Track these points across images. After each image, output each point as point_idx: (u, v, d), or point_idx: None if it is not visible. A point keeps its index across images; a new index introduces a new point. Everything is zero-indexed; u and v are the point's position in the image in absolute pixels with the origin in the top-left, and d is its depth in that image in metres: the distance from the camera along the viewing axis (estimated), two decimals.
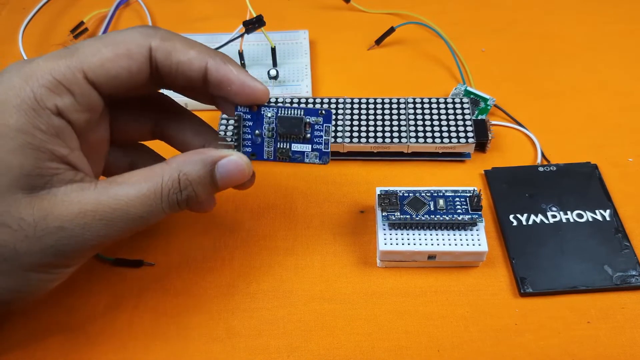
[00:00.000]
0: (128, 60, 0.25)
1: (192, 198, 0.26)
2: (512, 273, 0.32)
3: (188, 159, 0.26)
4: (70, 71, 0.24)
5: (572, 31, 0.46)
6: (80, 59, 0.25)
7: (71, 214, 0.24)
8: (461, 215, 0.31)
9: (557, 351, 0.29)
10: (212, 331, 0.30)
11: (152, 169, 0.25)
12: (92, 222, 0.24)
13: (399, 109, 0.38)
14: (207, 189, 0.27)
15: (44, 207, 0.23)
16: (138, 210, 0.25)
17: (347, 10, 0.49)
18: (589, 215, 0.33)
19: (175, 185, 0.25)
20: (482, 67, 0.43)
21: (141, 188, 0.25)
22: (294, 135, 0.28)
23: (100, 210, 0.24)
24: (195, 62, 0.26)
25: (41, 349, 0.29)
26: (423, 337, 0.29)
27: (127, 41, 0.25)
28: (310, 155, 0.28)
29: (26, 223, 0.23)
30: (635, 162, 0.37)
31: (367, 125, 0.37)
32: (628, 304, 0.30)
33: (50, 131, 0.24)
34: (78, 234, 0.24)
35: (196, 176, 0.26)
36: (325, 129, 0.28)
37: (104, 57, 0.25)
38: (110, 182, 0.25)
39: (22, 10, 0.49)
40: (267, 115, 0.28)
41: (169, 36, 0.26)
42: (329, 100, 0.38)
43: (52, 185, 0.24)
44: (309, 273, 0.32)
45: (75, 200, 0.24)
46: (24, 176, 0.23)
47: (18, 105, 0.23)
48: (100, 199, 0.24)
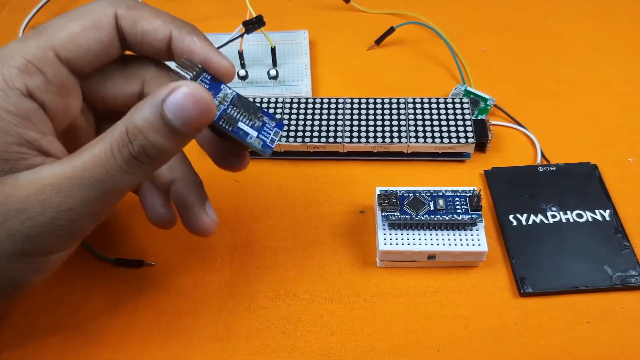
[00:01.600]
0: (97, 31, 0.24)
1: (148, 148, 0.23)
2: (512, 273, 0.32)
3: (136, 106, 0.23)
4: (41, 50, 0.23)
5: (572, 31, 0.46)
6: (49, 37, 0.24)
7: (30, 193, 0.22)
8: (461, 215, 0.31)
9: (557, 351, 0.29)
10: (212, 331, 0.30)
11: (109, 129, 0.23)
12: (50, 196, 0.22)
13: (398, 109, 0.38)
14: (163, 133, 0.23)
15: (5, 191, 0.22)
16: (92, 173, 0.22)
17: (347, 10, 0.49)
18: (588, 215, 0.33)
19: (124, 137, 0.22)
20: (482, 67, 0.43)
21: (94, 150, 0.23)
22: (245, 114, 0.25)
23: (57, 182, 0.22)
24: (159, 32, 0.25)
25: (41, 348, 0.29)
26: (423, 337, 0.29)
27: (93, 11, 0.24)
28: (254, 140, 0.25)
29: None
30: (635, 162, 0.37)
31: (367, 125, 0.37)
32: (628, 304, 0.30)
33: (20, 113, 0.23)
34: (39, 212, 0.22)
35: (144, 121, 0.22)
36: (275, 132, 0.26)
37: (73, 32, 0.24)
38: (72, 155, 0.23)
39: (22, 10, 0.49)
40: (226, 89, 0.25)
41: (135, 5, 0.25)
42: (328, 100, 0.38)
43: (16, 170, 0.23)
44: (309, 273, 0.32)
45: (35, 178, 0.22)
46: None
47: None
48: (56, 172, 0.22)
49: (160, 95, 0.22)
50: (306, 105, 0.38)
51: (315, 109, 0.38)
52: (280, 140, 0.36)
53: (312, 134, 0.37)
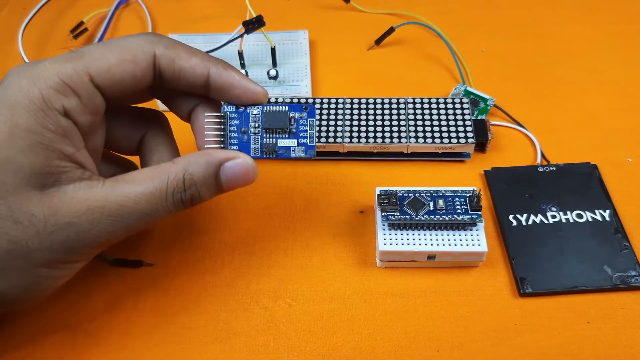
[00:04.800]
0: (133, 65, 0.26)
1: (196, 198, 0.27)
2: (511, 273, 0.32)
3: (194, 159, 0.27)
4: (77, 74, 0.25)
5: (572, 31, 0.46)
6: (86, 62, 0.25)
7: (80, 210, 0.24)
8: (461, 216, 0.31)
9: (557, 351, 0.29)
10: (212, 331, 0.30)
11: (158, 168, 0.26)
12: (100, 218, 0.25)
13: (398, 109, 0.38)
14: (212, 189, 0.27)
15: (53, 204, 0.24)
16: (144, 207, 0.25)
17: (347, 10, 0.49)
18: (588, 215, 0.33)
19: (180, 184, 0.26)
20: (482, 67, 0.43)
21: (147, 186, 0.25)
22: (279, 130, 0.28)
23: (108, 206, 0.25)
24: (197, 69, 0.27)
25: (41, 348, 0.29)
26: (423, 337, 0.29)
27: (132, 47, 0.26)
28: (296, 150, 0.28)
29: (37, 219, 0.24)
30: (635, 162, 0.37)
31: (367, 125, 0.37)
32: (628, 304, 0.30)
33: (58, 131, 0.25)
34: (86, 229, 0.25)
35: (201, 177, 0.26)
36: (310, 123, 0.28)
37: (110, 62, 0.26)
38: (118, 180, 0.25)
39: (22, 10, 0.49)
40: (252, 112, 0.28)
41: (172, 44, 0.27)
42: (328, 100, 0.38)
43: (60, 183, 0.25)
44: (309, 273, 0.32)
45: (84, 197, 0.25)
46: (35, 174, 0.24)
47: (27, 106, 0.24)
48: (107, 196, 0.25)
49: (219, 159, 0.27)
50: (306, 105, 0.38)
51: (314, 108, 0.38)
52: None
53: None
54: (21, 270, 0.25)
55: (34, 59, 0.45)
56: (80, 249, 0.25)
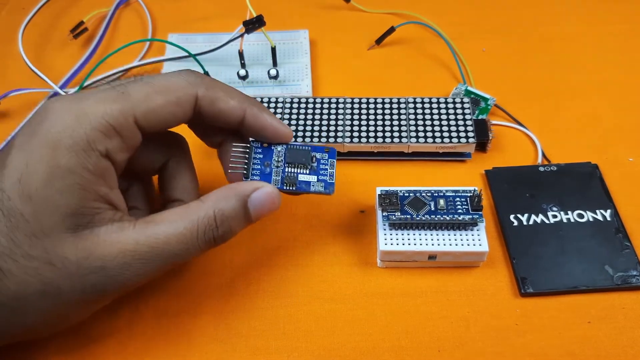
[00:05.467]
0: (177, 107, 0.26)
1: (227, 233, 0.27)
2: (512, 273, 0.32)
3: (222, 195, 0.27)
4: (123, 116, 0.25)
5: (572, 31, 0.46)
6: (133, 104, 0.25)
7: (112, 254, 0.24)
8: (462, 215, 0.31)
9: (558, 351, 0.29)
10: (212, 331, 0.30)
11: (188, 207, 0.26)
12: (131, 261, 0.25)
13: (399, 109, 0.38)
14: (242, 222, 0.27)
15: (86, 246, 0.24)
16: (175, 249, 0.25)
17: (348, 10, 0.49)
18: (589, 215, 0.33)
19: (212, 222, 0.26)
20: (483, 66, 0.43)
21: (178, 226, 0.25)
22: (301, 165, 0.29)
23: (140, 250, 0.25)
24: (235, 112, 0.28)
25: (40, 349, 0.29)
26: (423, 337, 0.29)
27: (176, 89, 0.27)
28: (316, 185, 0.29)
29: (70, 262, 0.24)
30: (635, 162, 0.37)
31: (368, 125, 0.37)
32: (629, 304, 0.30)
33: (97, 172, 0.25)
34: (118, 273, 0.25)
35: (232, 211, 0.27)
36: (330, 163, 0.29)
37: (156, 104, 0.26)
38: (148, 222, 0.25)
39: (22, 10, 0.49)
40: (277, 149, 0.29)
41: (212, 85, 0.28)
42: (329, 100, 0.38)
43: (94, 225, 0.25)
44: (309, 273, 0.32)
45: (116, 240, 0.25)
46: (70, 216, 0.24)
47: (70, 146, 0.24)
48: (139, 238, 0.25)
49: (246, 191, 0.27)
50: (306, 105, 0.38)
51: (315, 108, 0.38)
52: None
53: (313, 133, 0.37)
54: (51, 309, 0.25)
55: (35, 60, 0.45)
56: (110, 291, 0.25)
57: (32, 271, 0.24)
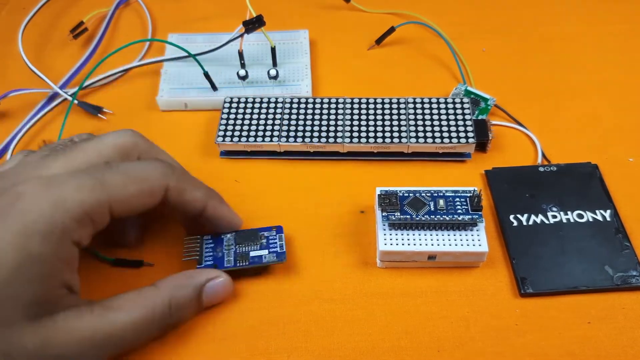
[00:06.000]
0: (149, 198, 0.27)
1: (180, 321, 0.29)
2: (512, 273, 0.31)
3: (178, 283, 0.28)
4: (99, 205, 0.25)
5: (572, 31, 0.46)
6: (109, 193, 0.26)
7: (69, 342, 0.24)
8: (461, 216, 0.31)
9: (558, 351, 0.28)
10: (212, 331, 0.30)
11: (143, 294, 0.27)
12: (89, 349, 0.25)
13: (399, 109, 0.38)
14: (195, 310, 0.29)
15: (45, 335, 0.24)
16: (130, 335, 0.26)
17: (347, 10, 0.49)
18: (589, 215, 0.33)
19: (166, 311, 0.27)
20: (483, 67, 0.43)
21: (134, 315, 0.26)
22: (251, 243, 0.31)
23: (97, 337, 0.25)
24: (199, 203, 0.30)
25: None
26: (423, 338, 0.29)
27: (150, 179, 0.27)
28: (268, 257, 0.31)
29: (28, 352, 0.23)
30: (635, 162, 0.37)
31: (367, 125, 0.37)
32: (628, 305, 0.30)
33: (67, 260, 0.25)
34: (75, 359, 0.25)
35: (187, 300, 0.28)
36: (279, 237, 0.31)
37: (130, 194, 0.27)
38: (105, 308, 0.26)
39: (22, 10, 0.49)
40: (226, 237, 0.32)
41: (182, 177, 0.29)
42: (329, 100, 0.38)
43: (53, 312, 0.24)
44: (309, 273, 0.32)
45: (73, 327, 0.25)
46: (34, 304, 0.24)
47: (45, 235, 0.24)
48: (96, 326, 0.25)
49: (201, 281, 0.29)
50: (306, 105, 0.38)
51: (315, 109, 0.38)
52: (280, 140, 0.36)
53: (312, 134, 0.37)
54: None
55: (35, 60, 0.45)
56: None
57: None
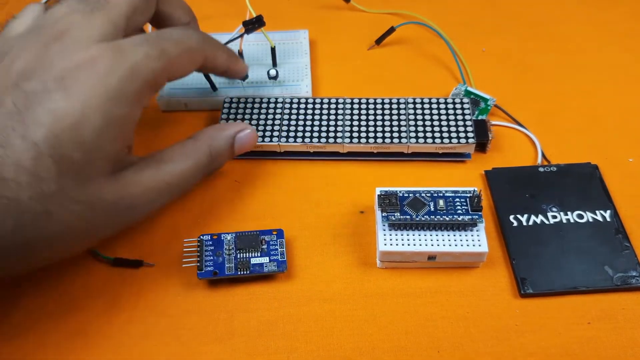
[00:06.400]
0: (194, 65, 0.31)
1: (218, 166, 0.33)
2: (512, 274, 0.31)
3: (214, 134, 0.33)
4: (165, 72, 0.29)
5: (573, 31, 0.46)
6: (169, 61, 0.29)
7: (138, 193, 0.28)
8: (461, 216, 0.31)
9: (558, 352, 0.29)
10: (212, 332, 0.30)
11: (187, 146, 0.31)
12: (154, 197, 0.29)
13: (399, 109, 0.38)
14: (229, 156, 0.34)
15: (118, 188, 0.27)
16: (184, 182, 0.31)
17: (347, 10, 0.49)
18: (589, 215, 0.33)
19: (209, 159, 0.32)
20: (483, 67, 0.43)
21: (185, 164, 0.31)
22: (251, 249, 0.31)
23: (159, 186, 0.29)
24: (225, 64, 0.34)
25: (40, 348, 0.29)
26: (423, 338, 0.29)
27: (195, 48, 0.31)
28: (269, 265, 0.31)
29: (108, 203, 0.27)
30: (636, 162, 0.37)
31: (367, 125, 0.37)
32: (629, 305, 0.30)
33: (136, 122, 0.28)
34: (144, 209, 0.29)
35: (223, 149, 0.33)
36: (280, 243, 0.32)
37: (183, 63, 0.30)
38: (160, 161, 0.30)
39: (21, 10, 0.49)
40: (226, 239, 0.32)
41: (213, 45, 0.33)
42: (328, 100, 0.38)
43: (122, 168, 0.28)
44: (309, 273, 0.32)
45: (139, 180, 0.28)
46: (112, 161, 0.27)
47: (126, 98, 0.27)
48: (157, 177, 0.29)
49: (232, 132, 0.33)
50: (306, 105, 0.38)
51: (315, 109, 0.38)
52: (280, 140, 0.36)
53: (312, 134, 0.37)
54: (86, 243, 0.29)
55: None
56: (136, 222, 0.30)
57: (75, 214, 0.26)
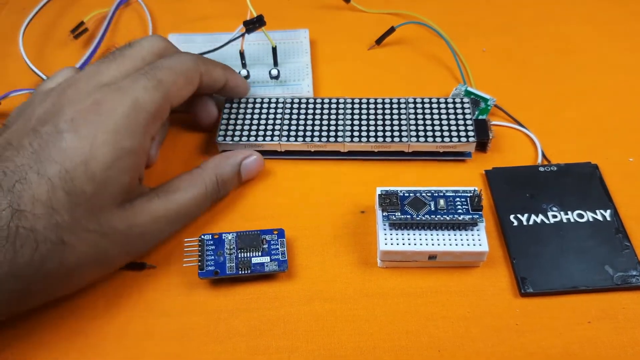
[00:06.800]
0: (192, 86, 0.33)
1: (225, 193, 0.34)
2: (512, 273, 0.32)
3: (220, 163, 0.34)
4: (165, 101, 0.30)
5: (573, 31, 0.46)
6: (167, 89, 0.30)
7: (148, 222, 0.29)
8: (462, 215, 0.31)
9: (558, 351, 0.29)
10: (213, 332, 0.30)
11: (193, 174, 0.33)
12: (163, 225, 0.31)
13: (399, 109, 0.38)
14: (235, 184, 0.35)
15: (129, 218, 0.29)
16: (192, 211, 0.32)
17: (348, 10, 0.49)
18: (589, 215, 0.33)
19: (216, 187, 0.33)
20: (483, 67, 0.43)
21: (193, 193, 0.32)
22: (252, 248, 0.31)
23: (168, 215, 0.31)
24: (222, 78, 0.35)
25: (41, 349, 0.29)
26: (424, 338, 0.29)
27: (189, 70, 0.32)
28: (270, 265, 0.31)
29: (119, 232, 0.28)
30: (636, 162, 0.37)
31: (368, 124, 0.37)
32: (629, 304, 0.30)
33: (146, 152, 0.30)
34: (154, 236, 0.31)
35: (229, 177, 0.34)
36: (281, 242, 0.32)
37: (181, 86, 0.32)
38: (168, 192, 0.31)
39: (22, 10, 0.49)
40: (227, 238, 0.32)
41: (206, 62, 0.34)
42: (329, 100, 0.38)
43: (132, 199, 0.29)
44: (310, 273, 0.32)
45: (148, 210, 0.30)
46: (123, 193, 0.28)
47: (133, 131, 0.28)
48: (166, 206, 0.30)
49: (238, 159, 0.34)
50: (307, 105, 0.38)
51: (316, 108, 0.38)
52: (281, 139, 0.36)
53: (313, 133, 0.37)
54: (100, 271, 0.29)
55: (35, 60, 0.45)
56: (146, 249, 0.31)
57: (89, 243, 0.27)
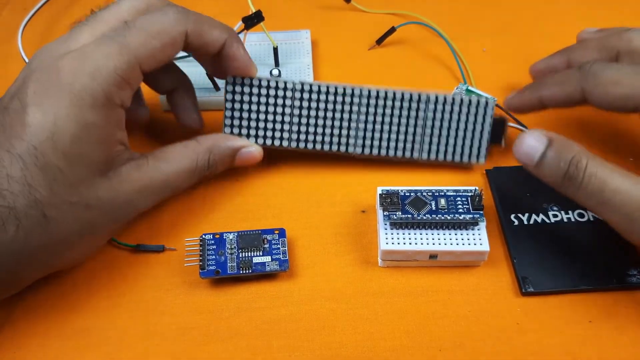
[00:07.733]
0: (172, 48, 0.30)
1: (214, 173, 0.33)
2: (513, 272, 0.32)
3: (217, 143, 0.33)
4: (131, 68, 0.28)
5: (573, 31, 0.46)
6: (135, 54, 0.28)
7: (134, 190, 0.29)
8: (462, 215, 0.31)
9: (559, 350, 0.29)
10: (214, 331, 0.30)
11: (187, 146, 0.32)
12: (149, 194, 0.30)
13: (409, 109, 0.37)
14: (227, 166, 0.34)
15: (114, 186, 0.28)
16: (179, 183, 0.32)
17: (348, 10, 0.49)
18: (590, 214, 0.33)
19: (206, 165, 0.32)
20: (483, 66, 0.43)
21: (182, 165, 0.31)
22: (254, 248, 0.31)
23: (154, 184, 0.30)
24: (217, 42, 0.32)
25: (41, 348, 0.29)
26: (424, 337, 0.29)
27: (169, 30, 0.29)
28: (271, 264, 0.31)
29: (103, 202, 0.28)
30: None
31: (381, 131, 0.36)
32: (629, 304, 0.30)
33: (116, 122, 0.29)
34: (139, 204, 0.30)
35: (223, 159, 0.33)
36: (282, 242, 0.32)
37: (155, 49, 0.29)
38: (157, 159, 0.30)
39: (22, 10, 0.49)
40: (228, 238, 0.32)
41: (198, 19, 0.31)
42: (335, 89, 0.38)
43: (116, 166, 0.29)
44: (311, 273, 0.32)
45: (135, 178, 0.29)
46: (100, 164, 0.28)
47: (93, 104, 0.27)
48: (152, 175, 0.30)
49: (237, 145, 0.34)
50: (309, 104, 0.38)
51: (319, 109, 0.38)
52: (290, 144, 0.36)
53: (324, 138, 0.36)
54: (87, 243, 0.29)
55: None
56: (131, 218, 0.31)
57: (73, 215, 0.27)
